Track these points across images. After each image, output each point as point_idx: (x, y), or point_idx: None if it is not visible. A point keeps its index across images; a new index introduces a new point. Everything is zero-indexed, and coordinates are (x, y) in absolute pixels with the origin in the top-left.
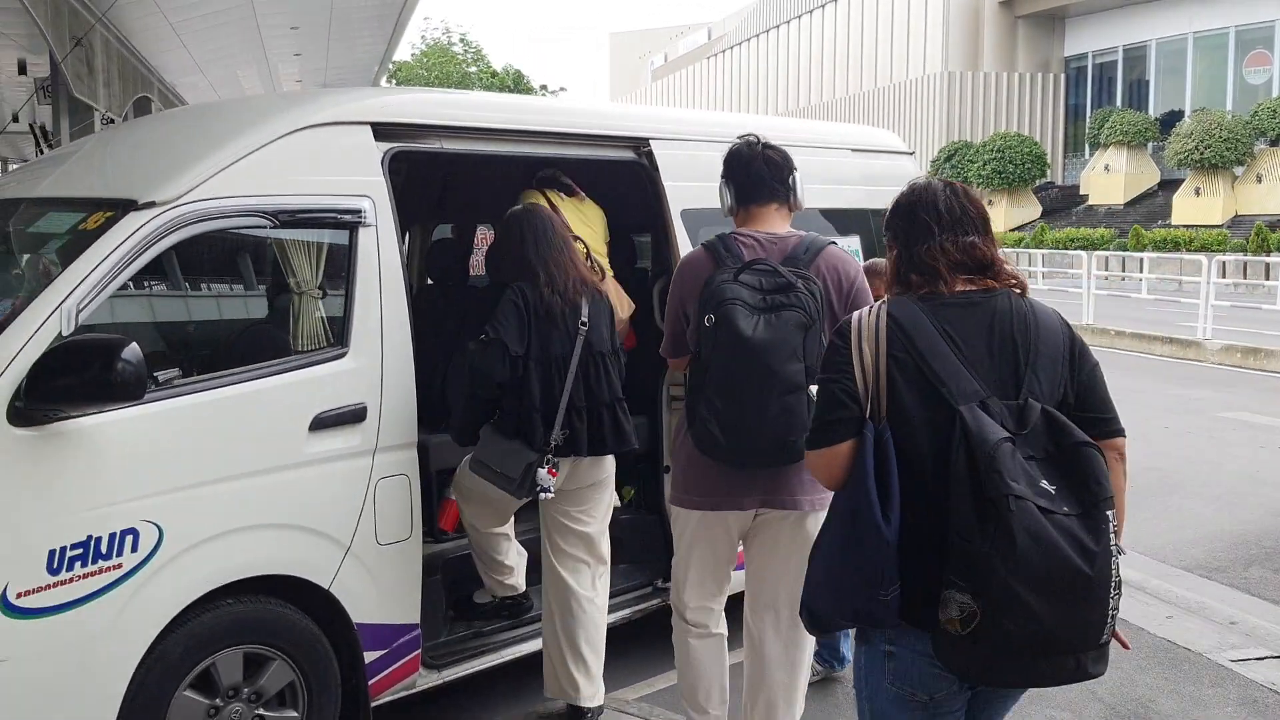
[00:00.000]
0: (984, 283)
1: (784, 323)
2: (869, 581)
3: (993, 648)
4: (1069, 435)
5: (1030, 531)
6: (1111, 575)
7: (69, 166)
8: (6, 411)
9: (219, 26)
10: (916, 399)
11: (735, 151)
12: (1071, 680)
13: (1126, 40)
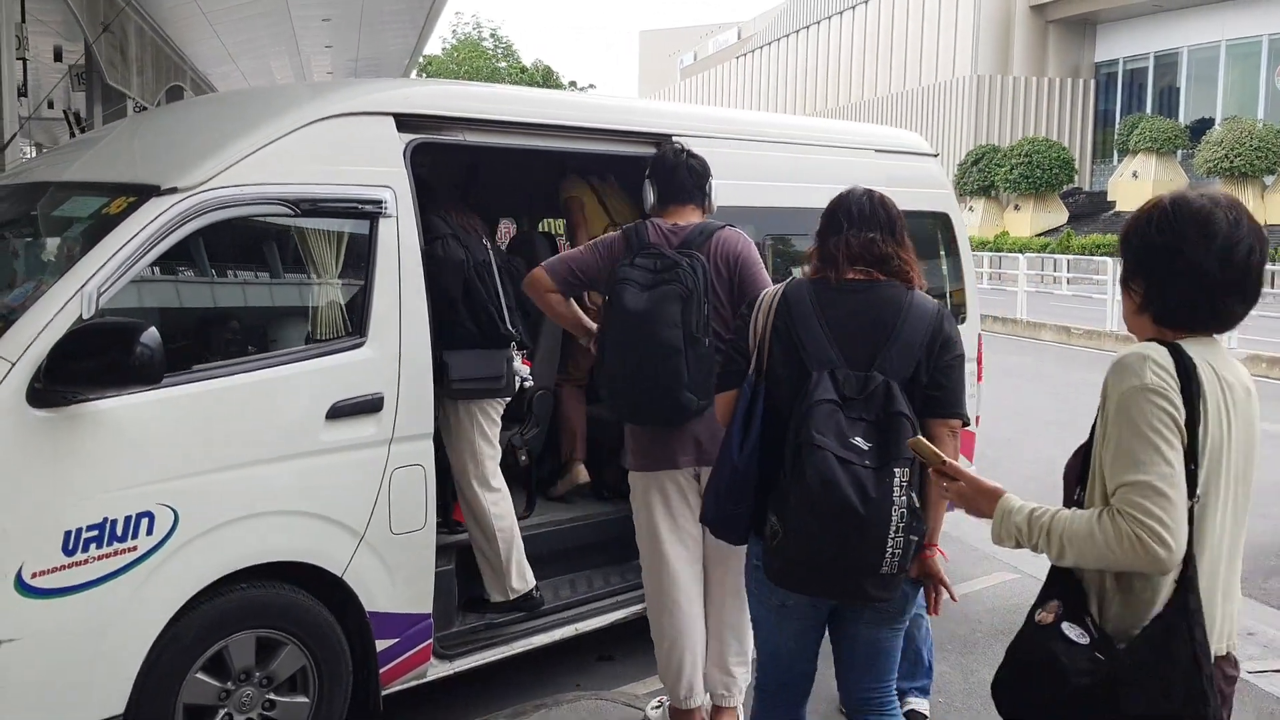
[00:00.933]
0: (872, 274)
1: (664, 296)
2: (724, 496)
3: (785, 560)
4: (893, 405)
5: (820, 473)
6: (890, 519)
7: (95, 151)
8: (26, 392)
9: (252, 17)
10: (784, 361)
11: (661, 156)
12: (854, 598)
13: (1158, 47)
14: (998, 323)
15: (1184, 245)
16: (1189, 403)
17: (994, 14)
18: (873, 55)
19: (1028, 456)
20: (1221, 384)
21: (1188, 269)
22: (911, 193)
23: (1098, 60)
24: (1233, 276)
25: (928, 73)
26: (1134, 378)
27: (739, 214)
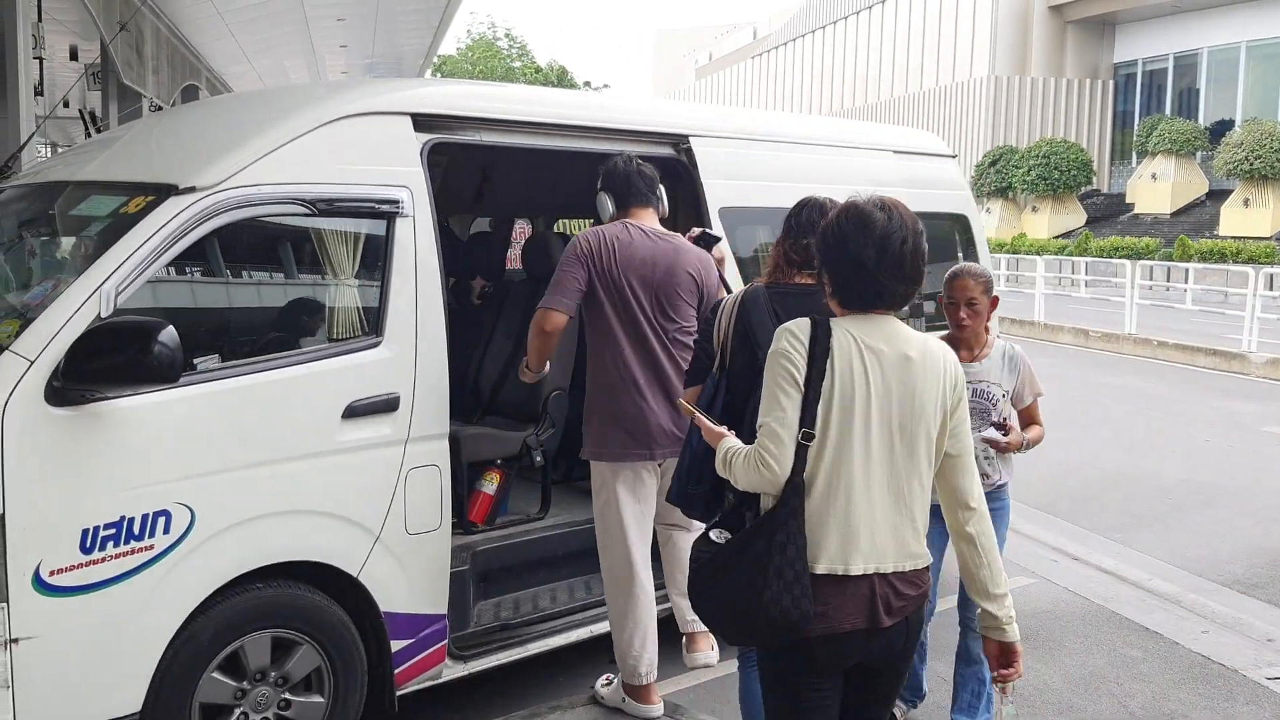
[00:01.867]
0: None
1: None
2: (685, 478)
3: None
4: None
5: None
6: None
7: (113, 150)
8: (44, 391)
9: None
10: (743, 358)
11: (612, 168)
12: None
13: (1178, 48)
14: (1015, 325)
15: (848, 240)
16: (812, 363)
17: (1012, 14)
18: (889, 56)
19: (1047, 459)
20: (863, 350)
21: (852, 259)
22: (929, 194)
23: (1116, 61)
24: (889, 262)
25: (945, 73)
26: (775, 345)
27: (754, 215)
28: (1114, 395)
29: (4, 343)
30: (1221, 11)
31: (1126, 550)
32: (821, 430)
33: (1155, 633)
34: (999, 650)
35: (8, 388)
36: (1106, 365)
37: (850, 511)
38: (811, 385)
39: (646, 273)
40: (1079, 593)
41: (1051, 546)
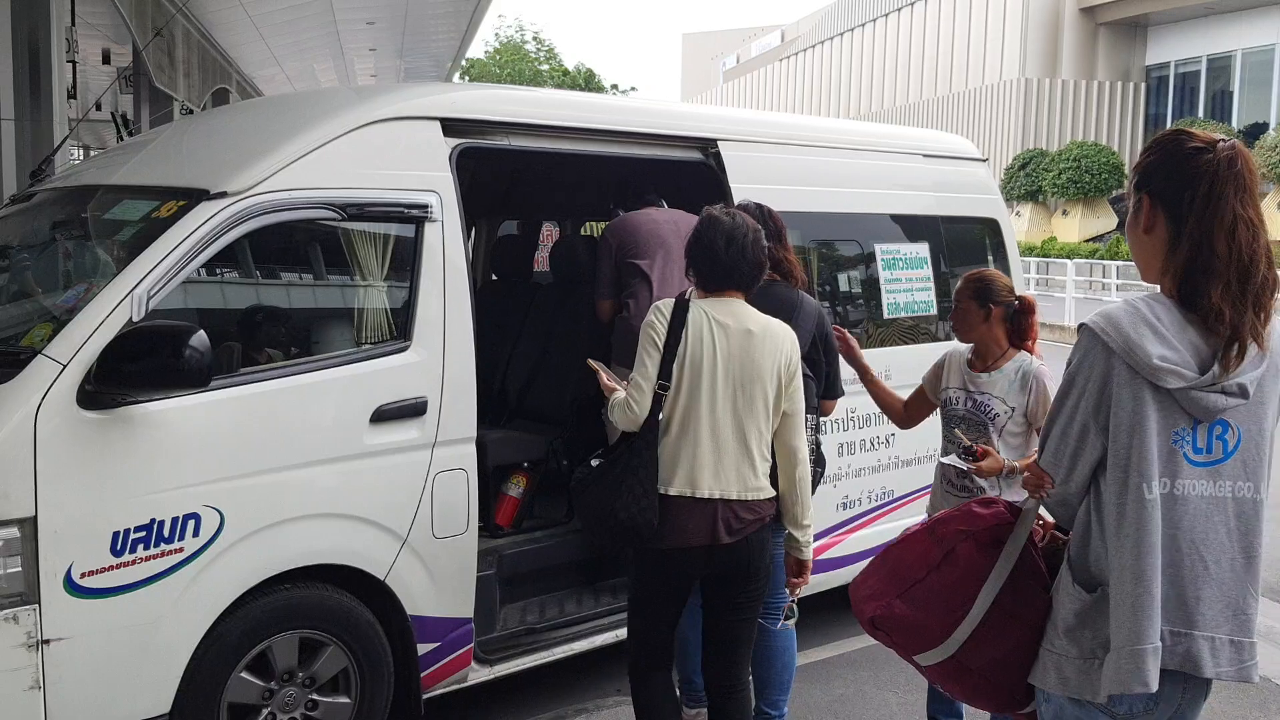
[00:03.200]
0: (771, 275)
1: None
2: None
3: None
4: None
5: None
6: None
7: (144, 155)
8: (76, 394)
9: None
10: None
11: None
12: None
13: (1211, 50)
14: (1046, 330)
15: (703, 237)
16: (671, 331)
17: (1042, 17)
18: (918, 58)
19: None
20: (712, 323)
21: (707, 249)
22: (959, 198)
23: (1148, 63)
24: (735, 250)
25: (974, 76)
26: (646, 318)
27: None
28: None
29: (37, 347)
30: (1256, 13)
31: None
32: (675, 384)
33: None
34: (797, 565)
35: (41, 391)
36: None
37: (698, 448)
38: (669, 348)
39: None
40: None
41: None
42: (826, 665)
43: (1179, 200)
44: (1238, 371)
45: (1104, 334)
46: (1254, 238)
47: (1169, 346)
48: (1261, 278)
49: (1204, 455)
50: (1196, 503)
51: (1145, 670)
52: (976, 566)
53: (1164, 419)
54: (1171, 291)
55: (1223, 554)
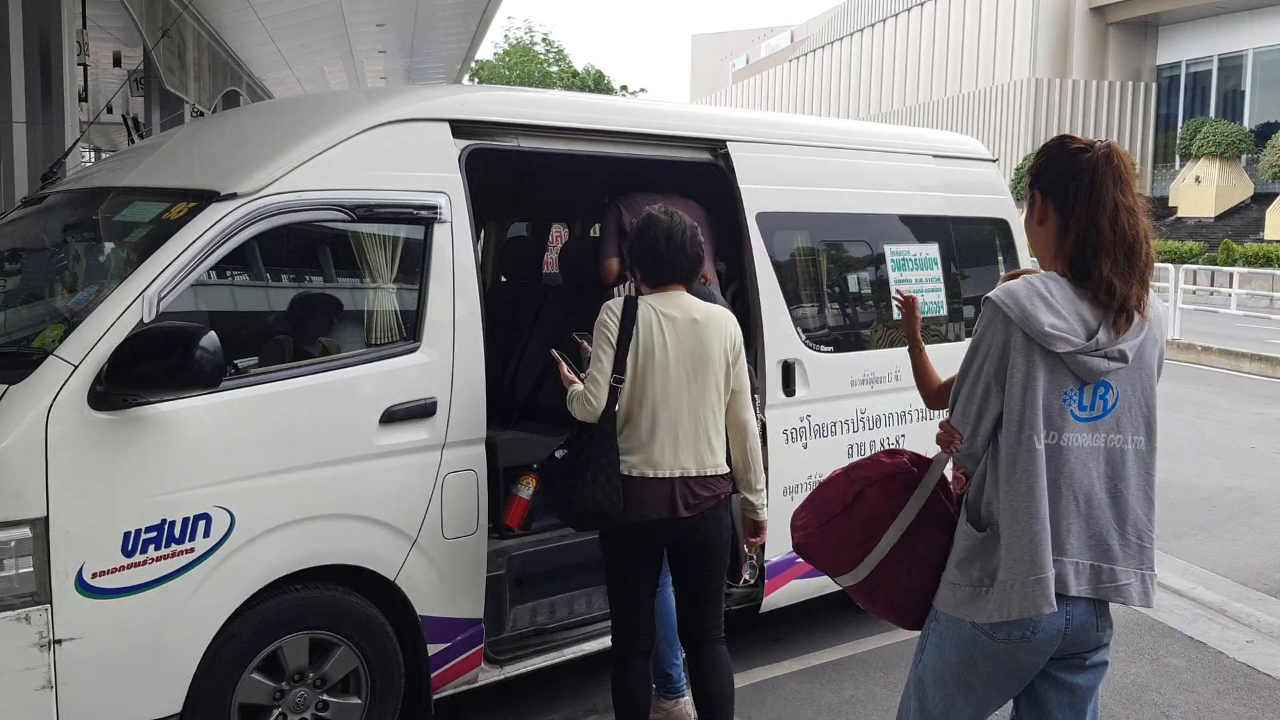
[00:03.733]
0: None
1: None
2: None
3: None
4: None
5: None
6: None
7: (155, 157)
8: (88, 395)
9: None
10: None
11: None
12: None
13: (1222, 49)
14: None
15: (645, 236)
16: (623, 326)
17: (1052, 16)
18: (928, 58)
19: None
20: (660, 316)
21: (649, 247)
22: (969, 198)
23: (1159, 63)
24: (674, 246)
25: (984, 76)
26: (598, 318)
27: (792, 220)
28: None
29: (49, 348)
30: (1268, 13)
31: (1170, 559)
32: (630, 376)
33: (1199, 642)
34: (754, 526)
35: (52, 392)
36: None
37: (655, 433)
38: (621, 344)
39: None
40: None
41: None
42: (837, 666)
43: (1066, 193)
44: (1121, 339)
45: (1004, 305)
46: (1134, 221)
47: (1059, 316)
48: (1145, 255)
49: (1088, 412)
50: (1077, 452)
51: (1048, 594)
52: (883, 508)
53: (1054, 380)
54: (1064, 271)
55: (1092, 495)
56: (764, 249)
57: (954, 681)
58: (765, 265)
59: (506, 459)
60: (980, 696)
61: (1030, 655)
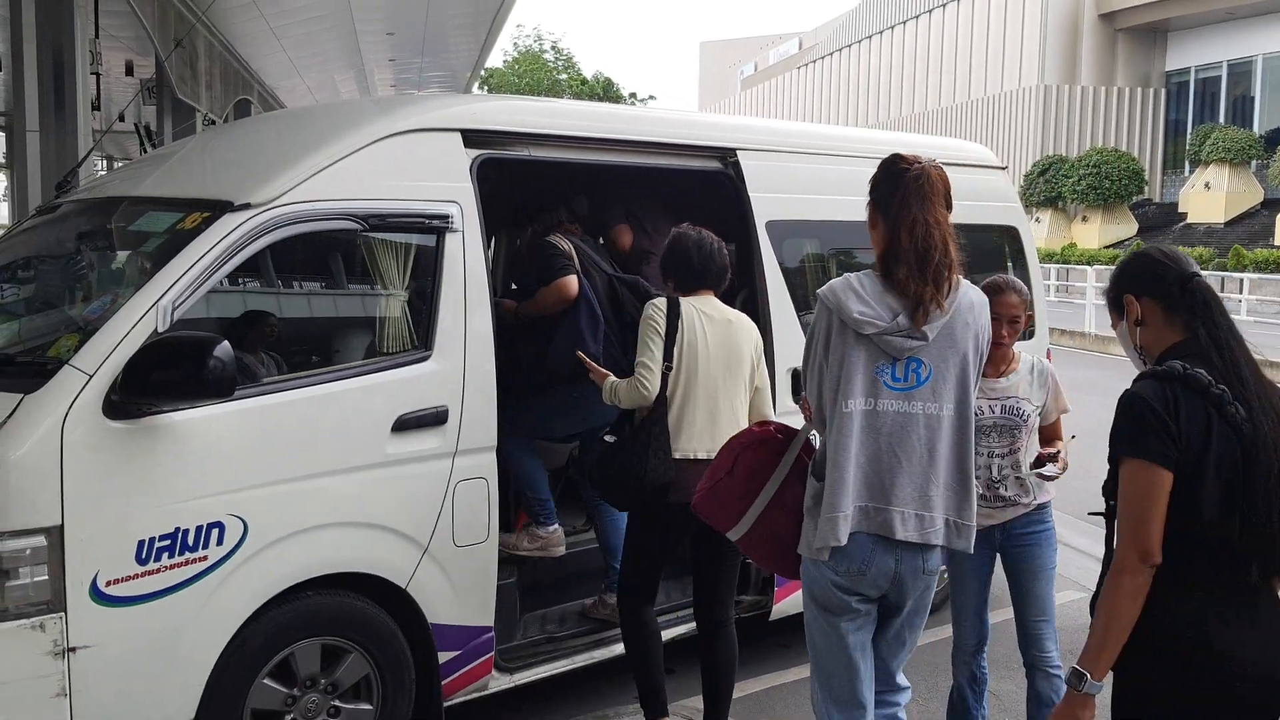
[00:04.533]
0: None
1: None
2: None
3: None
4: None
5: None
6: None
7: (169, 167)
8: (103, 404)
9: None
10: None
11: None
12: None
13: (1231, 55)
14: (1065, 336)
15: (678, 248)
16: (669, 322)
17: (1061, 23)
18: (936, 65)
19: (1096, 472)
20: (699, 315)
21: (683, 258)
22: (978, 205)
23: (1168, 69)
24: (704, 255)
25: (993, 83)
26: (645, 313)
27: (801, 228)
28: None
29: (64, 357)
30: (1277, 19)
31: None
32: (676, 365)
33: None
34: None
35: (67, 401)
36: None
37: (696, 417)
38: (669, 335)
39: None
40: None
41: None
42: None
43: (888, 205)
44: (919, 322)
45: (826, 298)
46: (930, 234)
47: (867, 305)
48: (936, 262)
49: (901, 384)
50: (894, 416)
51: (838, 530)
52: (756, 471)
53: (868, 356)
54: (878, 269)
55: (913, 453)
56: (774, 257)
57: (820, 614)
58: (775, 273)
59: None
60: (843, 625)
61: (867, 588)
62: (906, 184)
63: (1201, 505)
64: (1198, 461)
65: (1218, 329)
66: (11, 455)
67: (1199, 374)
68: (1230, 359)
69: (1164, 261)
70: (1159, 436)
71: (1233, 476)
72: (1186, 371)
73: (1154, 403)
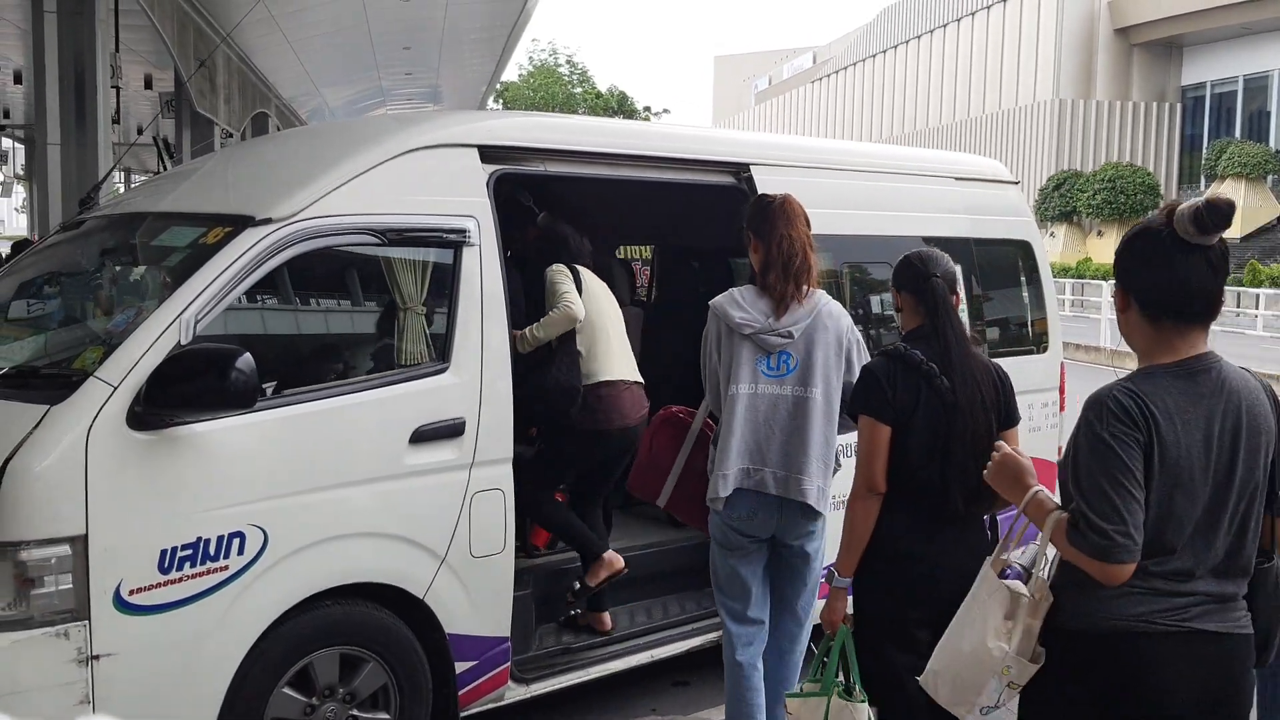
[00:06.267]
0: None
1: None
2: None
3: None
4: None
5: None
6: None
7: (191, 183)
8: (127, 415)
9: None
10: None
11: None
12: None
13: (1247, 70)
14: (1080, 351)
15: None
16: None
17: (1076, 38)
18: (951, 79)
19: None
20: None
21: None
22: (991, 220)
23: (1184, 84)
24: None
25: (1008, 97)
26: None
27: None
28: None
29: (89, 369)
30: None
31: None
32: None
33: None
34: None
35: (92, 412)
36: None
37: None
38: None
39: None
40: None
41: None
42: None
43: (761, 229)
44: (785, 322)
45: (715, 309)
46: (792, 245)
47: (744, 311)
48: (798, 265)
49: (774, 372)
50: (770, 398)
51: (722, 486)
52: (667, 447)
53: (750, 351)
54: (757, 280)
55: (784, 426)
56: None
57: (720, 550)
58: None
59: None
60: (734, 558)
61: (756, 530)
62: (774, 211)
63: (910, 452)
64: (909, 419)
65: (939, 320)
66: (37, 466)
67: (914, 354)
68: (944, 344)
69: (915, 264)
70: (880, 400)
71: (936, 431)
72: (905, 352)
73: (879, 375)
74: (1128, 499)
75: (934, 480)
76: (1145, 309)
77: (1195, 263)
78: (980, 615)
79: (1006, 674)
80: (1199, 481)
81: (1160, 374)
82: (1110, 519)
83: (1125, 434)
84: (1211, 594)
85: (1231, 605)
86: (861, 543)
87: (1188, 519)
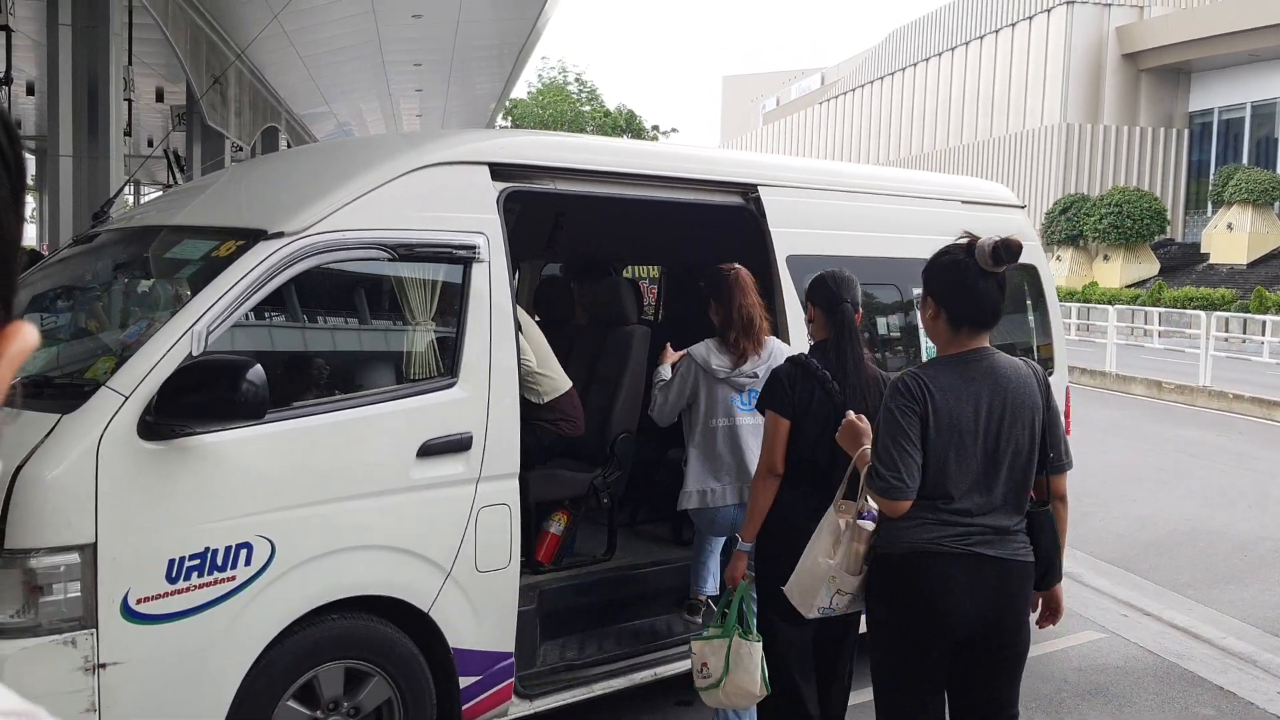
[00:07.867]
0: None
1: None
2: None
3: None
4: None
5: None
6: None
7: (204, 197)
8: (137, 425)
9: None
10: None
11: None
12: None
13: (1255, 96)
14: (1086, 375)
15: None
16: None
17: (1084, 63)
18: (959, 102)
19: (1115, 512)
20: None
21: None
22: None
23: (1191, 109)
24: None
25: (1015, 121)
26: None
27: (821, 263)
28: (1188, 449)
29: (101, 379)
30: None
31: (1200, 607)
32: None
33: (1229, 692)
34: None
35: (103, 422)
36: (1180, 418)
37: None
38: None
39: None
40: (1151, 649)
41: (1123, 601)
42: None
43: (721, 297)
44: (747, 367)
45: (695, 356)
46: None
47: (718, 359)
48: (757, 325)
49: (746, 406)
50: (744, 428)
51: (691, 498)
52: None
53: (724, 390)
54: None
55: (748, 448)
56: (794, 290)
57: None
58: (796, 306)
59: (539, 495)
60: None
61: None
62: (731, 283)
63: (801, 442)
64: (803, 416)
65: (843, 340)
66: (48, 474)
67: (811, 362)
68: (841, 359)
69: (831, 286)
70: (782, 398)
71: (825, 427)
72: (805, 360)
73: (783, 378)
74: (903, 454)
75: (821, 465)
76: (952, 320)
77: (990, 287)
78: (818, 541)
79: (833, 583)
80: (969, 443)
81: (944, 362)
82: (890, 468)
83: (906, 406)
84: (989, 526)
85: (1009, 537)
86: (762, 514)
87: (967, 471)
